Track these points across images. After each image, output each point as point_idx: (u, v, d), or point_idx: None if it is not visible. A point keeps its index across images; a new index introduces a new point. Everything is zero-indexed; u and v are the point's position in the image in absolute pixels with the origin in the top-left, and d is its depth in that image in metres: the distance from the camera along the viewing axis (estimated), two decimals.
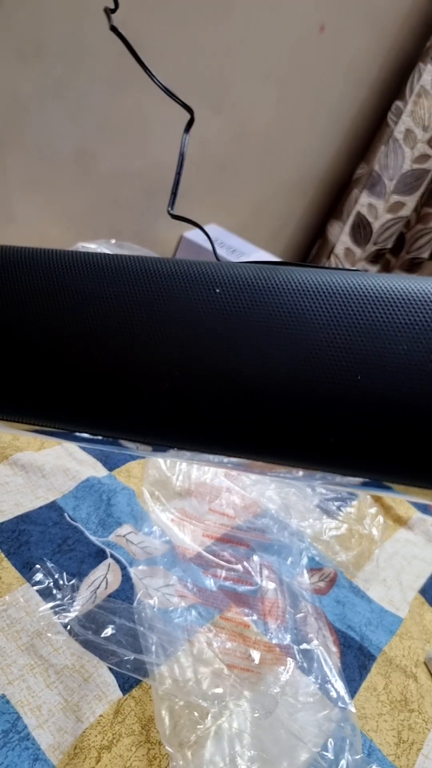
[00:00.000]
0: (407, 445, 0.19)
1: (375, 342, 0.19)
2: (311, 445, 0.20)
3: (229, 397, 0.20)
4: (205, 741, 0.42)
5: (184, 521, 0.60)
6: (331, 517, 0.67)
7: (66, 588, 0.49)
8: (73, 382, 0.22)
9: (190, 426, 0.21)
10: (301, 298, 0.21)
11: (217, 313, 0.21)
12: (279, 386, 0.20)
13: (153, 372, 0.21)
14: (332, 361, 0.19)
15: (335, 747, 0.44)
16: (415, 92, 1.15)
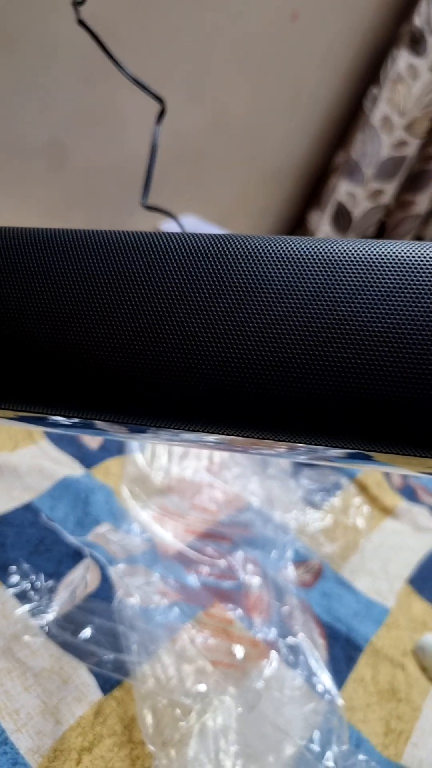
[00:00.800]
0: (395, 411, 0.19)
1: (358, 306, 0.19)
2: (296, 416, 0.20)
3: (208, 369, 0.20)
4: (189, 739, 0.42)
5: (165, 518, 0.59)
6: (315, 508, 0.67)
7: (43, 590, 0.48)
8: (44, 358, 0.21)
9: (167, 402, 0.21)
10: (269, 265, 0.20)
11: (183, 281, 0.20)
12: (257, 358, 0.19)
13: (126, 347, 0.20)
14: (311, 328, 0.19)
15: (321, 739, 0.44)
16: (391, 78, 1.14)
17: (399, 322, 0.18)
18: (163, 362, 0.20)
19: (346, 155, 1.23)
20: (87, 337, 0.20)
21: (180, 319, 0.20)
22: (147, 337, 0.20)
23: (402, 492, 0.75)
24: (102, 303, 0.21)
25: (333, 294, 0.19)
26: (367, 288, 0.19)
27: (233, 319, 0.19)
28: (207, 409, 0.20)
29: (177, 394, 0.20)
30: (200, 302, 0.20)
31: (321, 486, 0.70)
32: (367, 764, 0.41)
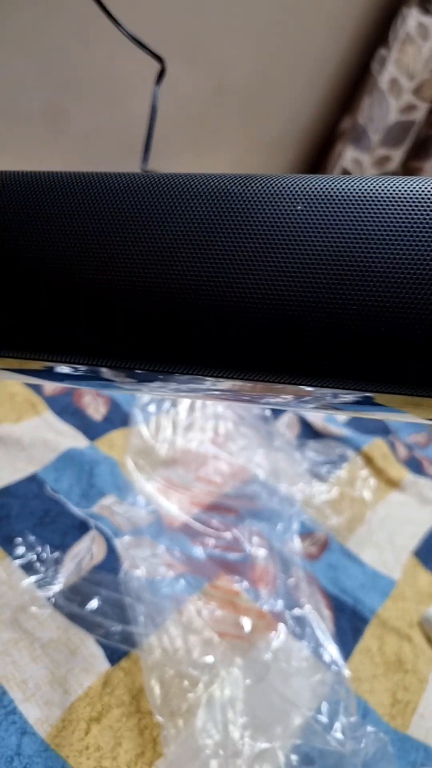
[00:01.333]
0: (408, 348, 0.18)
1: (373, 243, 0.18)
2: (309, 356, 0.19)
3: (222, 311, 0.19)
4: (197, 709, 0.42)
5: (170, 490, 0.58)
6: (321, 481, 0.66)
7: (49, 561, 0.47)
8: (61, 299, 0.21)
9: (182, 345, 0.20)
10: (283, 203, 0.20)
11: (199, 223, 0.20)
12: (274, 299, 0.19)
13: (139, 289, 0.20)
14: (327, 268, 0.18)
15: (329, 710, 0.44)
16: (400, 39, 1.10)
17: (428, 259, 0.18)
18: (187, 302, 0.20)
19: (352, 120, 1.20)
20: (110, 276, 0.20)
21: (206, 258, 0.20)
22: (172, 277, 0.20)
23: (408, 464, 0.75)
24: (124, 241, 0.20)
25: (363, 231, 0.19)
26: (397, 225, 0.19)
27: (261, 258, 0.19)
28: (228, 349, 0.20)
29: (198, 334, 0.20)
30: (226, 241, 0.20)
31: (327, 458, 0.69)
32: (375, 736, 0.41)
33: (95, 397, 0.67)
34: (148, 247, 0.20)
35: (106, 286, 0.20)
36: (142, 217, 0.21)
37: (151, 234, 0.20)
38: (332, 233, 0.19)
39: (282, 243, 0.19)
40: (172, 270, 0.20)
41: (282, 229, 0.19)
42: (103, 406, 0.66)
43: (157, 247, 0.20)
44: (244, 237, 0.20)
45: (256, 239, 0.19)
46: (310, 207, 0.19)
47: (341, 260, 0.18)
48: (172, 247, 0.20)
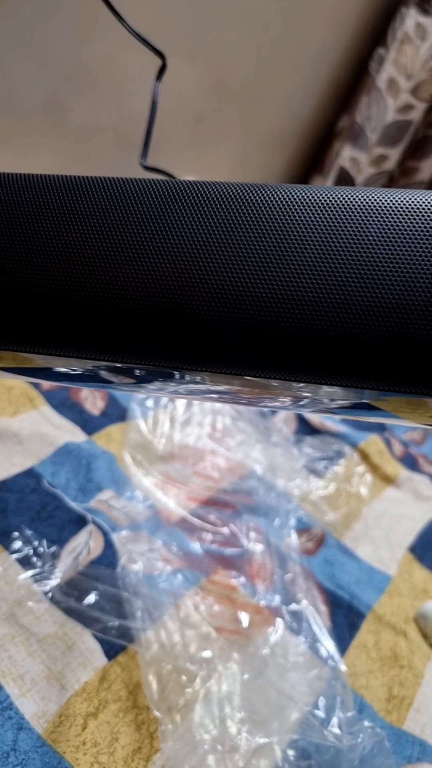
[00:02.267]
0: (409, 347, 0.19)
1: (388, 249, 0.20)
2: (313, 352, 0.20)
3: (241, 310, 0.20)
4: (194, 704, 0.42)
5: (167, 485, 0.58)
6: (318, 476, 0.66)
7: (46, 555, 0.47)
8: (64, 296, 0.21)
9: (186, 342, 0.21)
10: (299, 211, 0.21)
11: (213, 226, 0.21)
12: (296, 298, 0.20)
13: (152, 288, 0.21)
14: (347, 269, 0.20)
15: (326, 705, 0.44)
16: (398, 39, 1.11)
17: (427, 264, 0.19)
18: (197, 304, 0.20)
19: (350, 119, 1.20)
20: (124, 279, 0.21)
21: (220, 261, 0.20)
22: (186, 280, 0.20)
23: (403, 461, 0.75)
24: (137, 244, 0.21)
25: (365, 238, 0.20)
26: (394, 233, 0.20)
27: (272, 262, 0.20)
28: (231, 348, 0.21)
29: (204, 334, 0.21)
30: (241, 245, 0.20)
31: (324, 454, 0.69)
32: (372, 731, 0.41)
33: (93, 392, 0.67)
34: (167, 251, 0.21)
35: (125, 287, 0.21)
36: (157, 221, 0.21)
37: (172, 236, 0.21)
38: (337, 238, 0.20)
39: (295, 247, 0.20)
40: (188, 271, 0.20)
41: (293, 234, 0.20)
42: (101, 401, 0.66)
43: (176, 250, 0.21)
44: (259, 241, 0.20)
45: (270, 244, 0.20)
46: (318, 214, 0.21)
47: (346, 263, 0.20)
48: (190, 252, 0.21)
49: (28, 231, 0.22)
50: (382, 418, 0.25)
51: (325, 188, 0.22)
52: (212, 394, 0.26)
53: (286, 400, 0.25)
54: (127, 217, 0.21)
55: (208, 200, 0.22)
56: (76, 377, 0.26)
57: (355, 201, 0.21)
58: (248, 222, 0.21)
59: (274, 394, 0.24)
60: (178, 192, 0.22)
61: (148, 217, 0.21)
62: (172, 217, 0.21)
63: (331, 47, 1.14)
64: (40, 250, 0.21)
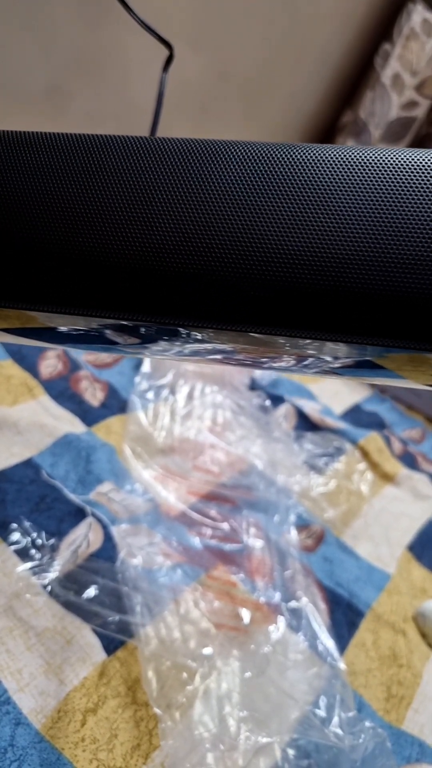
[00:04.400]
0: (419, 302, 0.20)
1: (410, 205, 0.20)
2: (324, 307, 0.20)
3: (262, 266, 0.20)
4: (194, 701, 0.41)
5: (167, 478, 0.58)
6: (318, 473, 0.66)
7: (45, 548, 0.46)
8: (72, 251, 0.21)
9: (196, 298, 0.21)
10: (318, 169, 0.21)
11: (232, 182, 0.21)
12: (321, 254, 0.20)
13: (164, 245, 0.21)
14: (352, 227, 0.20)
15: (327, 704, 0.43)
16: (404, 35, 1.10)
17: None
18: (218, 260, 0.20)
19: (354, 114, 1.19)
20: (149, 237, 0.21)
21: (246, 218, 0.20)
22: (211, 237, 0.20)
23: (402, 459, 0.75)
24: (166, 202, 0.21)
25: (389, 195, 0.20)
26: (416, 191, 0.20)
27: (299, 218, 0.20)
28: (248, 302, 0.21)
29: (224, 290, 0.21)
30: (269, 202, 0.21)
31: (324, 451, 0.69)
32: (374, 731, 0.41)
33: (92, 383, 0.66)
34: (194, 209, 0.21)
35: (144, 238, 0.21)
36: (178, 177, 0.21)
37: (199, 194, 0.21)
38: (357, 197, 0.20)
39: (316, 205, 0.20)
40: (211, 227, 0.20)
41: (316, 192, 0.21)
42: (101, 392, 0.65)
43: (202, 207, 0.21)
44: (280, 199, 0.21)
45: (291, 201, 0.20)
46: (345, 173, 0.21)
47: (376, 220, 0.20)
48: (217, 209, 0.21)
49: (49, 189, 0.21)
50: (384, 378, 0.26)
51: (349, 148, 0.22)
52: (217, 354, 0.26)
53: (290, 360, 0.25)
54: (151, 175, 0.21)
55: (226, 157, 0.21)
56: (81, 338, 0.25)
57: (379, 159, 0.21)
58: (271, 180, 0.21)
59: (278, 353, 0.24)
60: (200, 150, 0.22)
61: (173, 174, 0.21)
62: (197, 175, 0.21)
63: (336, 41, 1.13)
64: (65, 209, 0.21)
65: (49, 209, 0.21)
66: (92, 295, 0.21)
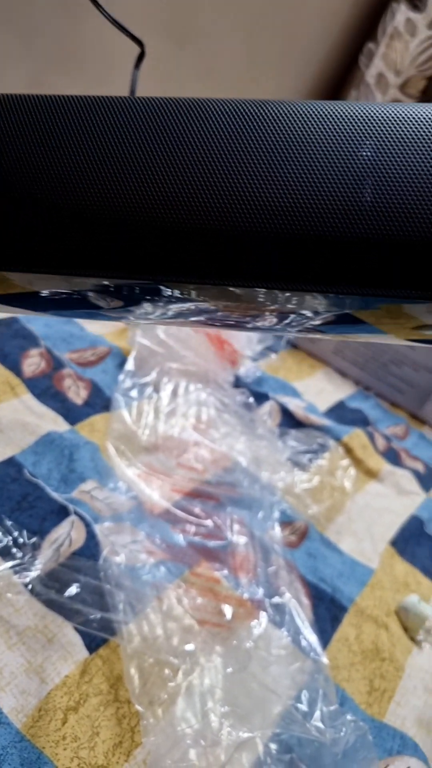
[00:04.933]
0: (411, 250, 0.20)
1: (383, 154, 0.21)
2: (324, 257, 0.21)
3: (243, 216, 0.21)
4: (176, 698, 0.41)
5: (151, 476, 0.58)
6: (302, 469, 0.66)
7: (26, 546, 0.46)
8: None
9: (175, 252, 0.22)
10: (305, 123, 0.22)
11: (208, 136, 0.21)
12: (296, 204, 0.21)
13: (155, 200, 0.21)
14: (346, 173, 0.21)
15: (309, 698, 0.43)
16: (388, 34, 1.10)
17: (420, 167, 0.20)
18: (200, 211, 0.21)
19: None
20: (129, 192, 0.21)
21: (221, 170, 0.21)
22: (191, 189, 0.21)
23: (386, 455, 0.75)
24: (146, 158, 0.21)
25: (356, 145, 0.21)
26: (388, 140, 0.21)
27: (276, 168, 0.21)
28: (230, 254, 0.21)
29: (204, 240, 0.21)
30: (247, 154, 0.21)
31: (308, 447, 0.69)
32: (355, 724, 0.41)
33: (76, 381, 0.65)
34: (173, 162, 0.21)
35: (126, 197, 0.21)
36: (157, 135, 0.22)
37: (178, 149, 0.21)
38: (334, 147, 0.21)
39: (301, 156, 0.21)
40: (189, 182, 0.21)
41: (295, 144, 0.21)
42: (84, 390, 0.65)
43: (181, 161, 0.21)
44: (258, 153, 0.21)
45: (270, 154, 0.21)
46: (318, 125, 0.22)
47: (344, 169, 0.21)
48: (196, 162, 0.21)
49: (27, 145, 0.22)
50: (366, 333, 0.26)
51: (322, 103, 0.23)
52: (200, 315, 0.27)
53: (272, 318, 0.26)
54: (149, 130, 0.22)
55: (203, 113, 0.22)
56: (63, 303, 0.25)
57: (349, 112, 0.22)
58: (245, 133, 0.21)
59: (260, 311, 0.25)
60: (177, 107, 0.22)
61: (149, 128, 0.22)
62: (173, 129, 0.22)
63: (321, 40, 1.13)
64: (57, 163, 0.21)
65: (25, 164, 0.21)
66: (73, 252, 0.22)
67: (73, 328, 0.75)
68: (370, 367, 0.87)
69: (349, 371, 0.90)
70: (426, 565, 0.62)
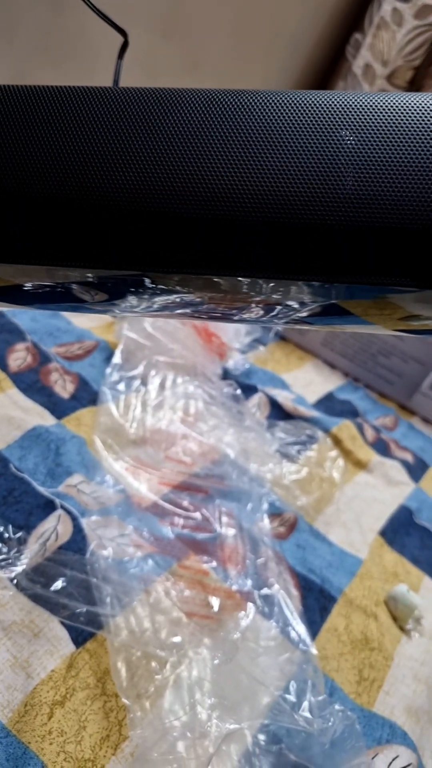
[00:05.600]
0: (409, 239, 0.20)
1: (361, 143, 0.21)
2: (304, 246, 0.21)
3: (220, 204, 0.21)
4: (164, 690, 0.41)
5: (138, 470, 0.57)
6: (291, 461, 0.66)
7: (12, 541, 0.46)
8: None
9: (157, 242, 0.21)
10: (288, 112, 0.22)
11: (189, 125, 0.21)
12: (271, 192, 0.20)
13: (137, 189, 0.21)
14: (322, 161, 0.20)
15: (297, 689, 0.43)
16: (375, 24, 1.10)
17: (403, 156, 0.20)
18: (180, 199, 0.21)
19: None
20: (106, 181, 0.21)
21: (201, 158, 0.21)
22: (171, 178, 0.21)
23: (375, 446, 0.75)
24: (119, 146, 0.21)
25: (336, 132, 0.21)
26: (378, 131, 0.21)
27: (251, 157, 0.21)
28: (210, 243, 0.21)
29: (185, 229, 0.21)
30: (220, 143, 0.21)
31: (296, 439, 0.69)
32: (343, 714, 0.41)
33: (62, 375, 0.65)
34: (146, 151, 0.21)
35: (106, 188, 0.21)
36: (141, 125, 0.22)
37: (153, 137, 0.21)
38: (317, 135, 0.21)
39: (275, 145, 0.21)
40: (168, 171, 0.21)
41: (273, 132, 0.21)
42: (71, 384, 0.64)
43: (153, 149, 0.21)
44: (237, 141, 0.21)
45: (248, 142, 0.21)
46: (294, 115, 0.21)
47: (326, 158, 0.21)
48: (169, 151, 0.21)
49: (12, 136, 0.22)
50: (354, 325, 0.26)
51: (300, 92, 0.23)
52: (186, 308, 0.26)
53: (259, 310, 0.26)
54: (129, 119, 0.22)
55: (181, 103, 0.22)
56: (47, 296, 0.25)
57: (346, 104, 0.21)
58: (230, 122, 0.21)
59: (245, 302, 0.25)
60: (158, 97, 0.22)
61: (130, 117, 0.22)
62: (153, 117, 0.22)
63: (307, 30, 1.12)
64: (35, 154, 0.21)
65: (3, 154, 0.21)
66: (53, 244, 0.21)
67: (60, 322, 0.74)
68: (359, 358, 0.87)
69: (337, 363, 0.89)
70: (415, 555, 0.62)
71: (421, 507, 0.68)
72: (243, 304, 0.25)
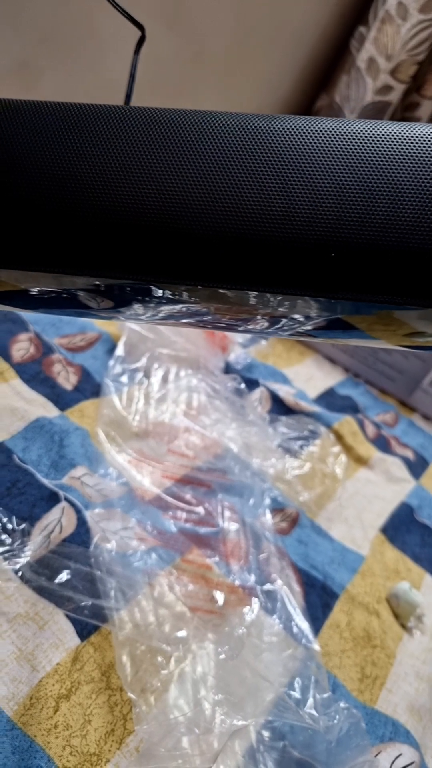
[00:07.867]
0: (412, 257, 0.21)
1: (381, 170, 0.21)
2: (308, 265, 0.21)
3: (251, 223, 0.21)
4: (169, 685, 0.41)
5: (141, 462, 0.57)
6: (293, 456, 0.66)
7: (16, 533, 0.45)
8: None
9: (172, 255, 0.22)
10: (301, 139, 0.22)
11: (216, 149, 0.22)
12: (303, 212, 0.21)
13: (150, 203, 0.21)
14: (350, 187, 0.21)
15: (301, 686, 0.43)
16: (379, 18, 1.09)
17: (415, 183, 0.21)
18: (194, 215, 0.21)
19: (329, 98, 1.18)
20: (142, 198, 0.22)
21: (225, 179, 0.22)
22: (186, 195, 0.21)
23: (376, 443, 0.75)
24: (141, 164, 0.22)
25: (363, 161, 0.22)
26: (386, 158, 0.22)
27: (279, 181, 0.21)
28: (231, 257, 0.22)
29: (197, 243, 0.21)
30: (247, 165, 0.22)
31: (299, 434, 0.69)
32: (348, 712, 0.41)
33: (66, 366, 0.64)
34: (183, 171, 0.22)
35: (142, 205, 0.21)
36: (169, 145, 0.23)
37: (188, 159, 0.22)
38: (343, 164, 0.22)
39: (305, 170, 0.22)
40: (203, 190, 0.21)
41: (302, 159, 0.22)
42: (74, 376, 0.64)
43: (190, 171, 0.22)
44: (268, 165, 0.22)
45: (280, 167, 0.22)
46: (318, 142, 0.22)
47: (351, 185, 0.21)
48: (205, 173, 0.22)
49: (31, 152, 0.22)
50: (358, 339, 0.27)
51: (322, 119, 0.23)
52: (191, 317, 0.27)
53: (264, 322, 0.26)
54: (143, 138, 0.23)
55: (211, 126, 0.23)
56: (53, 302, 0.25)
57: (355, 131, 0.22)
58: (251, 147, 0.22)
59: (251, 314, 0.25)
60: (184, 119, 0.24)
61: (158, 137, 0.23)
62: (179, 140, 0.23)
63: (312, 23, 1.11)
64: (47, 170, 0.22)
65: (20, 167, 0.22)
66: (66, 252, 0.22)
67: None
68: (360, 354, 0.87)
69: (338, 358, 0.89)
70: (416, 552, 0.62)
71: (421, 504, 0.68)
72: (248, 316, 0.25)
